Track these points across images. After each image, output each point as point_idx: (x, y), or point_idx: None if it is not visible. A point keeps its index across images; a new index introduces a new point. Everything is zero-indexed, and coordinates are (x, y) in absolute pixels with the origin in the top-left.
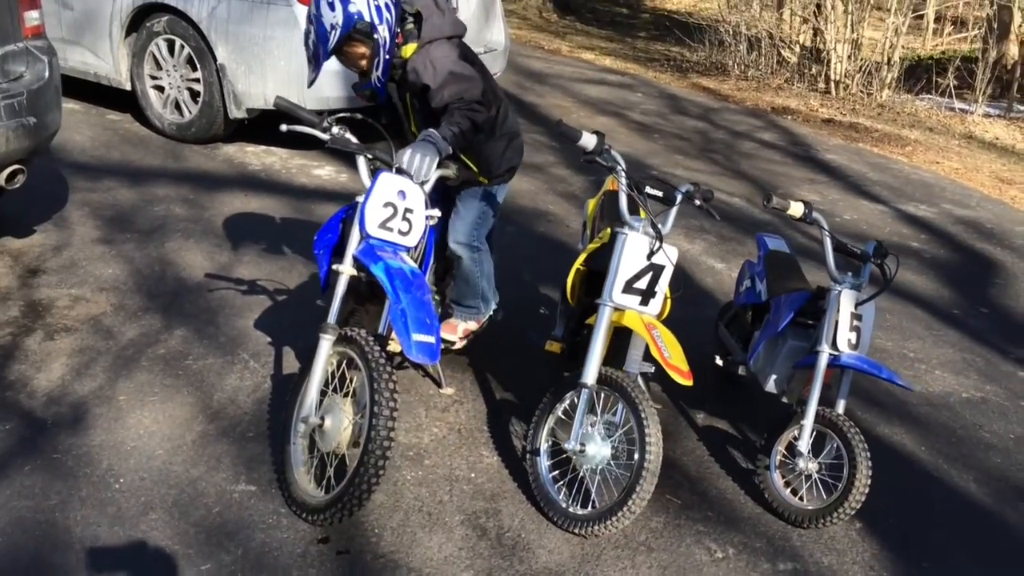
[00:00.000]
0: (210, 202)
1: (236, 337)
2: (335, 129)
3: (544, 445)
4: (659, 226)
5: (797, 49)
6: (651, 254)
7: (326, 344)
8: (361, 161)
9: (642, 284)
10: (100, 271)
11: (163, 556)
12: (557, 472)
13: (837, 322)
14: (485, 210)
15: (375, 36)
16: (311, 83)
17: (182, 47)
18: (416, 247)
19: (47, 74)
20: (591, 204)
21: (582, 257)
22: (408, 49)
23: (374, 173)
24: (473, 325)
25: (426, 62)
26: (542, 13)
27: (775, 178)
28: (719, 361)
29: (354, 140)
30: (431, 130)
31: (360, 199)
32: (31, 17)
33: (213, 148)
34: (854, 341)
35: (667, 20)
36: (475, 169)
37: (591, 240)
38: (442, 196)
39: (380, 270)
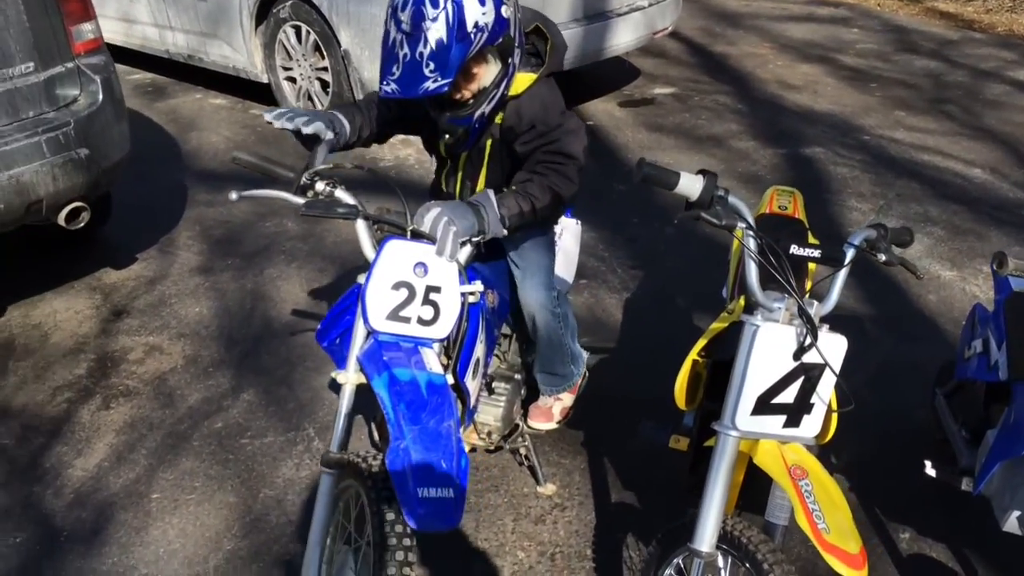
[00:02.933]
0: None
1: (307, 403)
2: (320, 185)
3: None
4: (809, 310)
5: None
6: (800, 351)
7: (327, 481)
8: (360, 226)
9: (787, 396)
10: (186, 311)
11: None
12: None
13: None
14: (551, 247)
15: (510, 60)
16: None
17: (308, 33)
18: (452, 337)
19: (100, 96)
20: (738, 236)
21: (701, 343)
22: (522, 82)
23: (380, 241)
24: (568, 399)
25: (535, 104)
26: None
27: None
28: (931, 470)
29: (347, 198)
30: (489, 192)
31: (361, 279)
32: (83, 31)
33: None
34: None
35: None
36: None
37: (729, 298)
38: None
39: (382, 385)
